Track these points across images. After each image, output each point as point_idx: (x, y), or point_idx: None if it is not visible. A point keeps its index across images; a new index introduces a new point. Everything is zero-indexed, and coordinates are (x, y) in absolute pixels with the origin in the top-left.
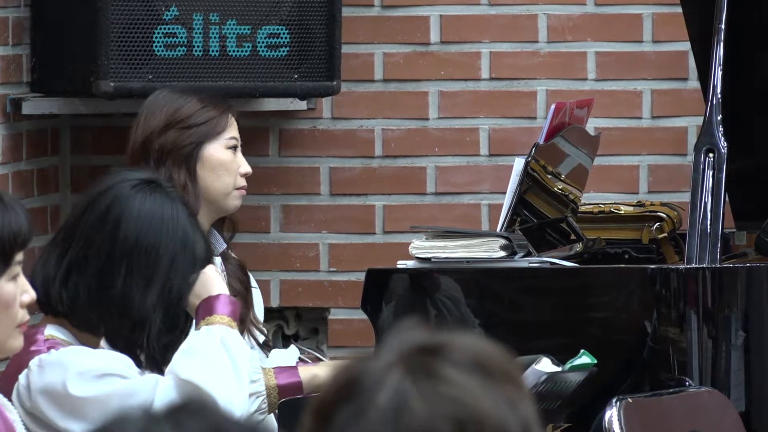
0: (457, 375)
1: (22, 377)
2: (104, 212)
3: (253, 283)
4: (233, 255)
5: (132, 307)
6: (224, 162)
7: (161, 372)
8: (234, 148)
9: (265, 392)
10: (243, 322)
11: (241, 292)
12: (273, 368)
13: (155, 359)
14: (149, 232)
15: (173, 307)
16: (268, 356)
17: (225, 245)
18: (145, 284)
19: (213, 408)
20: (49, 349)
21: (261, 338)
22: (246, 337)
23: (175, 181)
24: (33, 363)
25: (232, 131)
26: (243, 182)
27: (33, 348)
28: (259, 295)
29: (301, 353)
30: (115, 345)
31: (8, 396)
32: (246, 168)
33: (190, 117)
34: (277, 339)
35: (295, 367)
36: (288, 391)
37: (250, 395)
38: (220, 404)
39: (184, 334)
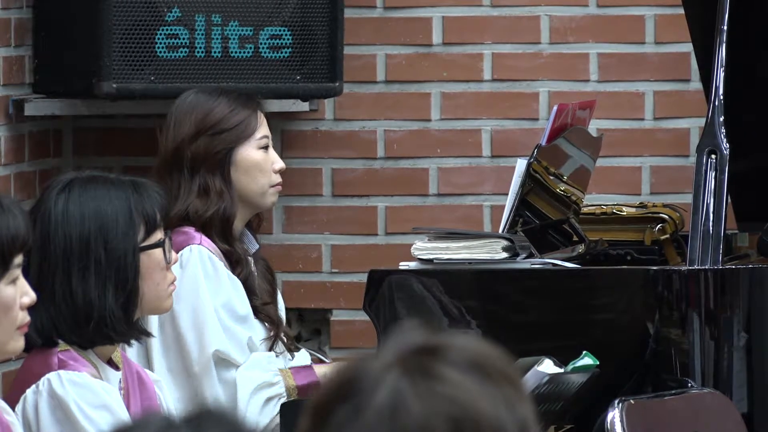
0: (455, 375)
1: (30, 394)
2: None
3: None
4: (261, 256)
5: (94, 306)
6: (257, 163)
7: (137, 339)
8: (266, 147)
9: (285, 393)
10: (274, 322)
11: (270, 293)
12: (290, 369)
13: (122, 331)
14: (82, 235)
15: (123, 273)
16: (293, 358)
17: (258, 246)
18: (98, 278)
19: (231, 415)
20: (60, 362)
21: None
22: (277, 341)
23: (211, 189)
24: (43, 387)
25: (263, 130)
26: (278, 179)
27: (46, 358)
28: (280, 297)
29: (293, 348)
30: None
31: (16, 396)
32: (280, 164)
33: (220, 122)
34: None
35: (310, 367)
36: (307, 391)
37: (272, 398)
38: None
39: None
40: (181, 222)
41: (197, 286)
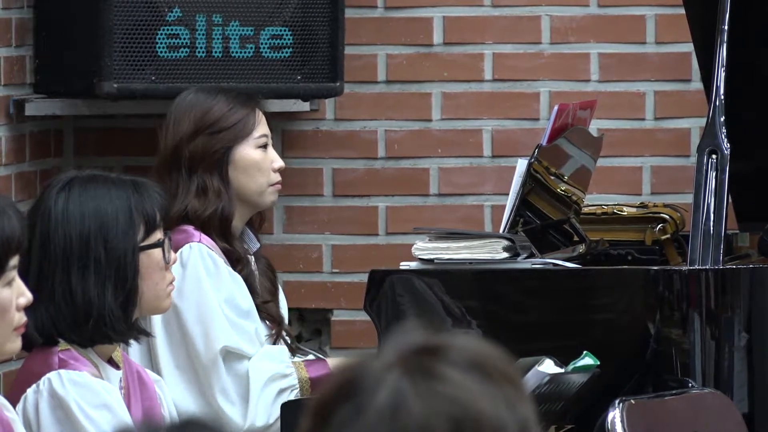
0: (456, 375)
1: (30, 393)
2: (43, 240)
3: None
4: (263, 255)
5: (93, 305)
6: (256, 162)
7: (135, 338)
8: (264, 146)
9: (298, 385)
10: (276, 321)
11: (271, 291)
12: (303, 361)
13: (122, 330)
14: (82, 234)
15: (122, 272)
16: (302, 358)
17: (259, 245)
18: (97, 277)
19: (217, 426)
20: (60, 361)
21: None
22: (279, 339)
23: (209, 188)
24: (43, 386)
25: (262, 128)
26: (277, 177)
27: (47, 358)
28: (283, 296)
29: (304, 354)
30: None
31: (17, 395)
32: (279, 163)
33: (219, 121)
34: None
35: (323, 359)
36: (320, 383)
37: (284, 390)
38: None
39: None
40: (181, 221)
41: (200, 283)
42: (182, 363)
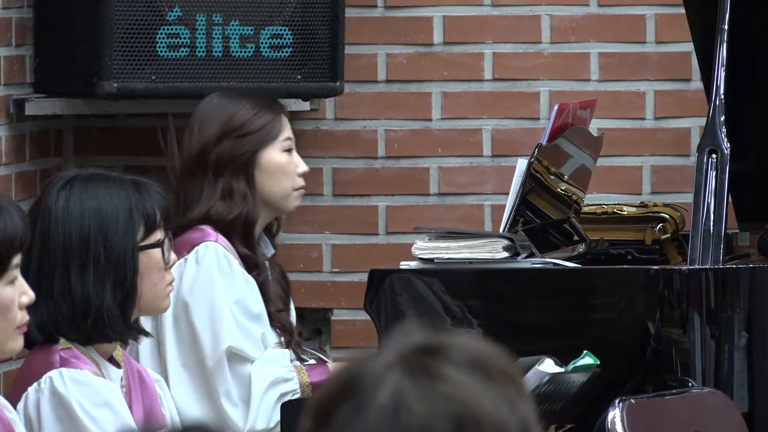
0: (456, 374)
1: (32, 392)
2: (43, 235)
3: None
4: (277, 263)
5: (92, 303)
6: (282, 165)
7: (134, 337)
8: (289, 149)
9: (299, 390)
10: (287, 330)
11: (283, 299)
12: (305, 366)
13: (120, 330)
14: (82, 232)
15: (121, 271)
16: (304, 363)
17: (274, 251)
18: (96, 275)
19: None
20: (62, 360)
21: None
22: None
23: (235, 191)
24: (45, 385)
25: (287, 132)
26: (301, 182)
27: (48, 356)
28: (291, 303)
29: (303, 354)
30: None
31: (18, 394)
32: (303, 167)
33: (245, 125)
34: None
35: (325, 364)
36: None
37: (286, 394)
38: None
39: (132, 285)
40: (201, 223)
41: (212, 282)
42: (189, 361)
